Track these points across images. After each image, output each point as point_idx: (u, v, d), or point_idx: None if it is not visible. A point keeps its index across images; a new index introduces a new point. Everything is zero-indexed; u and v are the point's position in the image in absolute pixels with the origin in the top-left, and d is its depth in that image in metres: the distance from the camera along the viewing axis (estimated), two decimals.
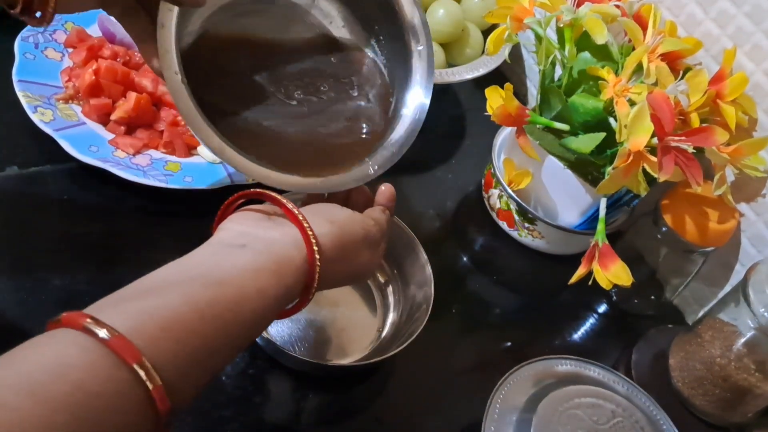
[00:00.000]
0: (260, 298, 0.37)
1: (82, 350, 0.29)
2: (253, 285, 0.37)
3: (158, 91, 0.69)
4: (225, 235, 0.41)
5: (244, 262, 0.38)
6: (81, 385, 0.28)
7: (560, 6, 0.61)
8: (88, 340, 0.30)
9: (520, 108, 0.62)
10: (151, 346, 0.31)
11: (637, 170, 0.55)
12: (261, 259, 0.38)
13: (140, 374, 0.30)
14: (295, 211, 0.41)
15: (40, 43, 0.69)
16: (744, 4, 0.61)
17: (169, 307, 0.33)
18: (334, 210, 0.46)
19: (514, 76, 0.90)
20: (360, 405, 0.56)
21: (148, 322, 0.32)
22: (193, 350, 0.33)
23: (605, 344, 0.68)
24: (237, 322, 0.36)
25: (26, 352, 0.29)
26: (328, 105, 0.52)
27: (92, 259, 0.58)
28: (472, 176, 0.78)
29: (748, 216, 0.64)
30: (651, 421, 0.52)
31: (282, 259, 0.39)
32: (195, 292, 0.35)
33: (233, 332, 0.35)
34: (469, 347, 0.64)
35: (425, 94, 0.55)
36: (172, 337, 0.32)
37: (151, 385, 0.30)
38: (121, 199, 0.62)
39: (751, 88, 0.60)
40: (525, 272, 0.72)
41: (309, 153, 0.50)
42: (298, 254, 0.40)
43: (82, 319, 0.30)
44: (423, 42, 0.53)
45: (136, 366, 0.30)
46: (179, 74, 0.42)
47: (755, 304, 0.54)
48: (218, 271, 0.37)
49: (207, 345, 0.34)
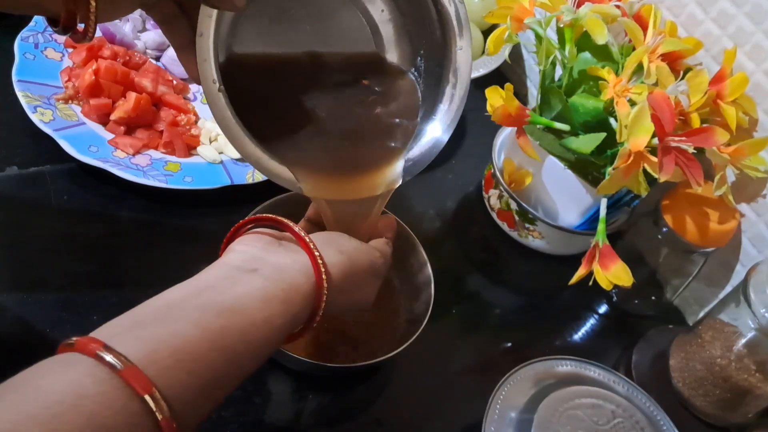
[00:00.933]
0: (268, 328, 0.38)
1: (95, 380, 0.30)
2: (262, 314, 0.37)
3: (158, 91, 0.69)
4: (235, 257, 0.41)
5: (255, 289, 0.38)
6: (94, 418, 0.28)
7: (560, 6, 0.61)
8: (101, 370, 0.30)
9: (521, 108, 0.62)
10: (163, 377, 0.31)
11: (638, 170, 0.55)
12: (271, 287, 0.39)
13: (150, 405, 0.30)
14: (306, 238, 0.42)
15: (40, 43, 0.69)
16: (744, 4, 0.61)
17: (181, 335, 0.33)
18: (342, 240, 0.46)
19: (515, 76, 0.90)
20: (360, 405, 0.56)
21: (161, 350, 0.32)
22: (203, 381, 0.33)
23: (605, 345, 0.68)
24: (246, 351, 0.36)
25: (40, 380, 0.30)
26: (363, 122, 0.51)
27: (92, 259, 0.58)
28: (472, 176, 0.78)
29: (749, 216, 0.64)
30: (651, 421, 0.52)
31: (291, 287, 0.40)
32: (207, 319, 0.35)
33: (241, 362, 0.36)
34: (469, 348, 0.64)
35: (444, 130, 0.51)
36: (184, 368, 0.32)
37: (160, 415, 0.30)
38: (121, 199, 0.62)
39: (752, 89, 0.60)
40: (525, 273, 0.72)
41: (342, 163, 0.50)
42: (307, 282, 0.40)
43: (95, 345, 0.31)
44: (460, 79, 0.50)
45: (147, 397, 0.30)
46: (217, 83, 0.42)
47: (756, 304, 0.54)
48: (230, 297, 0.37)
49: (216, 375, 0.34)
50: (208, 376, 0.34)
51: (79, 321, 0.53)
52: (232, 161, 0.67)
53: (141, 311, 0.35)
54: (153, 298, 0.36)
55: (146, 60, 0.73)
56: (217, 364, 0.34)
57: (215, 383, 0.34)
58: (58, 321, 0.53)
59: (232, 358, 0.35)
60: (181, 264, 0.61)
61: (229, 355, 0.35)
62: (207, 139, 0.68)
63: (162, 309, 0.35)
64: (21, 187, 0.61)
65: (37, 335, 0.52)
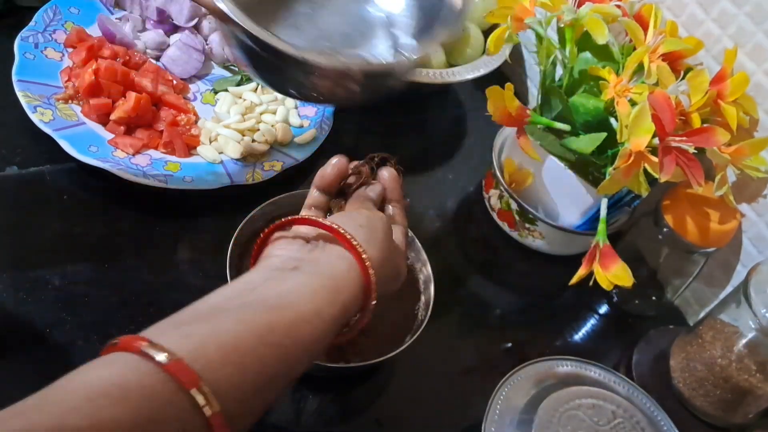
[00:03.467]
0: (318, 320, 0.37)
1: (140, 375, 0.29)
2: (310, 307, 0.37)
3: (158, 90, 0.69)
4: (273, 261, 0.42)
5: (299, 284, 0.38)
6: (140, 411, 0.28)
7: (561, 6, 0.61)
8: (146, 365, 0.29)
9: (521, 108, 0.62)
10: (211, 372, 0.30)
11: (638, 170, 0.55)
12: (315, 279, 0.39)
13: (198, 400, 0.29)
14: (335, 226, 0.42)
15: (40, 43, 0.69)
16: (745, 4, 0.61)
17: (228, 331, 0.33)
18: (360, 217, 0.46)
19: (515, 76, 0.90)
20: (360, 405, 0.56)
21: (207, 345, 0.32)
22: (252, 377, 0.33)
23: (606, 345, 0.68)
24: (296, 345, 0.36)
25: (85, 376, 0.29)
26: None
27: (92, 259, 0.58)
28: (473, 176, 0.78)
29: (750, 216, 0.64)
30: (652, 422, 0.52)
31: (335, 275, 0.40)
32: (253, 317, 0.35)
33: (292, 357, 0.35)
34: (470, 348, 0.64)
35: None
36: (232, 362, 0.32)
37: (209, 411, 0.29)
38: (121, 199, 0.62)
39: (752, 89, 0.60)
40: (525, 273, 0.72)
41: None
42: (349, 267, 0.40)
43: (139, 342, 0.30)
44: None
45: (194, 391, 0.29)
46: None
47: (756, 304, 0.54)
48: (274, 294, 0.37)
49: (266, 372, 0.34)
50: (257, 372, 0.33)
51: (79, 321, 0.53)
52: (232, 161, 0.67)
53: (184, 313, 0.35)
54: (195, 302, 0.36)
55: (146, 60, 0.73)
56: (265, 360, 0.33)
57: (265, 380, 0.33)
58: (58, 321, 0.52)
59: (281, 353, 0.35)
60: (182, 264, 0.61)
61: (277, 351, 0.34)
62: (207, 139, 0.68)
63: (205, 310, 0.35)
64: (21, 187, 0.61)
65: (37, 335, 0.52)
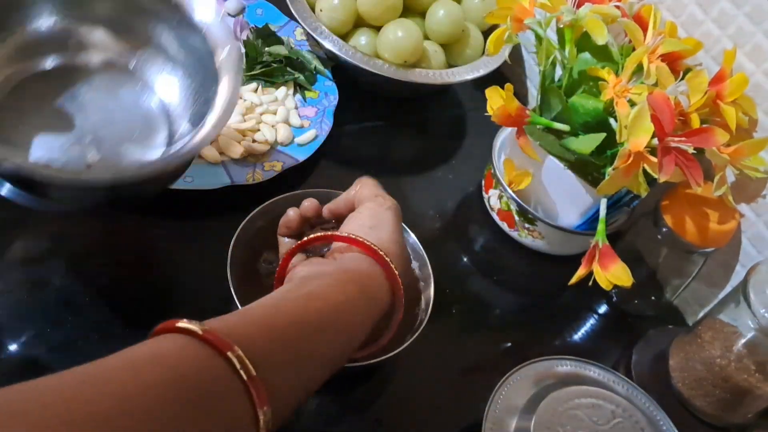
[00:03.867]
0: (350, 309, 0.41)
1: (176, 344, 0.31)
2: (340, 297, 0.41)
3: None
4: (298, 275, 0.45)
5: (326, 285, 0.42)
6: (176, 369, 0.30)
7: (560, 7, 0.61)
8: (182, 337, 0.32)
9: (521, 108, 0.62)
10: (245, 341, 0.32)
11: (638, 171, 0.55)
12: (342, 277, 0.43)
13: (234, 363, 0.31)
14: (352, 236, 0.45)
15: None
16: (744, 5, 0.61)
17: (260, 313, 0.36)
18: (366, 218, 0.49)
19: (515, 76, 0.90)
20: (360, 405, 0.56)
21: (240, 324, 0.34)
22: (286, 350, 0.35)
23: (605, 345, 0.68)
24: (329, 330, 0.39)
25: (125, 350, 0.31)
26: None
27: (93, 259, 0.58)
28: (472, 176, 0.78)
29: (749, 217, 0.64)
30: (651, 421, 0.52)
31: (359, 273, 0.44)
32: (284, 304, 0.39)
33: (327, 340, 0.38)
34: (469, 347, 0.64)
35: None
36: (265, 336, 0.34)
37: (245, 375, 0.31)
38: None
39: (752, 89, 0.60)
40: (525, 273, 0.72)
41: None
42: (369, 264, 0.45)
43: (174, 322, 0.32)
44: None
45: (229, 354, 0.31)
46: None
47: (755, 304, 0.54)
48: (305, 291, 0.41)
49: (301, 351, 0.36)
50: (293, 349, 0.35)
51: (79, 321, 0.53)
52: (232, 161, 0.67)
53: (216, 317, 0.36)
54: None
55: None
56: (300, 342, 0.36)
57: (301, 359, 0.36)
58: (58, 321, 0.53)
59: (314, 334, 0.37)
60: (182, 264, 0.61)
61: (310, 332, 0.37)
62: None
63: (236, 312, 0.37)
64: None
65: (37, 335, 0.52)
